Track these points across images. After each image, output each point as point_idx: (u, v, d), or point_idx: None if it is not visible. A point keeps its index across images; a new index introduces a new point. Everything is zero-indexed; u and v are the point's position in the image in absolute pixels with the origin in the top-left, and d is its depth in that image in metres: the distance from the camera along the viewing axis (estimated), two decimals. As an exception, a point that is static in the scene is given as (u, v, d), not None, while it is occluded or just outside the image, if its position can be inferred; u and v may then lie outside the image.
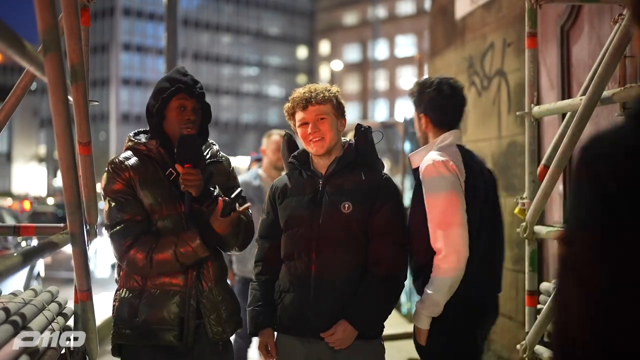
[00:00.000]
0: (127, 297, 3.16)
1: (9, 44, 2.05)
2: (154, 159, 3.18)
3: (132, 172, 3.12)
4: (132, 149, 3.24)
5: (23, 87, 3.69)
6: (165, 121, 3.18)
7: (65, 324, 3.36)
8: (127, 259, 3.08)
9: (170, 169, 3.15)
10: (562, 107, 4.05)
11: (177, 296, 3.11)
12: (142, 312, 3.10)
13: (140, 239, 3.07)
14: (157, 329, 3.09)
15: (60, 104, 2.55)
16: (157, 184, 3.14)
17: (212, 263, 3.20)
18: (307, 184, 3.31)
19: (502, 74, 6.90)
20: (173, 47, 11.83)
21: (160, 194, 3.13)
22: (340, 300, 3.17)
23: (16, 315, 2.80)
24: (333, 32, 77.40)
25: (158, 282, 3.12)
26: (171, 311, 3.10)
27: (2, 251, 8.83)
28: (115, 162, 3.16)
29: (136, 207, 3.11)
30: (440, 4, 9.08)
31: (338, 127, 3.29)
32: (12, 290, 3.50)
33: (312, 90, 3.27)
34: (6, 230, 5.00)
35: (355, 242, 3.21)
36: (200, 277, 3.16)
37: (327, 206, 3.23)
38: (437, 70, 9.03)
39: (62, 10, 2.90)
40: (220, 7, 78.05)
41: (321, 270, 3.19)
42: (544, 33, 5.74)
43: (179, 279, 3.12)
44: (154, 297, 3.12)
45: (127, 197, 3.11)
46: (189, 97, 3.15)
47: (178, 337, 3.09)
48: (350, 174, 3.27)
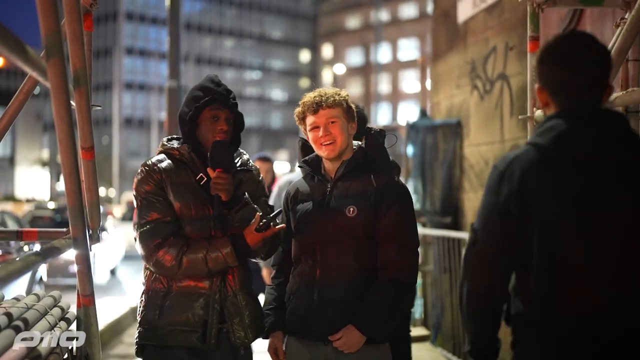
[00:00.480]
0: (153, 299, 3.19)
1: (12, 49, 2.06)
2: (186, 163, 3.24)
3: (164, 175, 3.18)
4: (165, 152, 3.29)
5: (26, 92, 3.70)
6: (197, 129, 3.24)
7: (67, 328, 3.37)
8: (155, 259, 3.11)
9: (201, 174, 3.21)
10: (565, 110, 4.04)
11: (202, 299, 3.16)
12: (167, 314, 3.14)
13: (170, 240, 3.11)
14: (180, 330, 3.13)
15: (63, 108, 2.56)
16: (188, 188, 3.19)
17: (238, 269, 3.25)
18: (316, 188, 3.32)
19: (505, 77, 6.90)
20: (176, 51, 11.87)
21: (191, 198, 3.18)
22: (344, 304, 3.17)
23: (19, 320, 2.81)
24: (336, 36, 77.47)
25: (183, 285, 3.16)
26: (195, 313, 3.14)
27: (5, 256, 8.82)
28: (149, 164, 3.21)
29: (166, 208, 3.15)
30: (443, 8, 9.08)
31: (349, 130, 3.28)
32: (15, 295, 3.51)
33: (322, 94, 3.28)
34: (9, 235, 5.00)
35: (360, 246, 3.20)
36: (225, 281, 3.21)
37: (333, 210, 3.23)
38: (440, 73, 9.03)
39: (65, 15, 2.91)
40: (222, 11, 78.22)
41: (325, 274, 3.19)
42: (546, 37, 5.74)
43: (205, 283, 3.16)
44: (179, 299, 3.15)
45: (158, 197, 3.16)
46: (223, 108, 3.22)
47: (201, 339, 3.13)
48: (358, 178, 3.26)
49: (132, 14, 71.72)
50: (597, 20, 5.16)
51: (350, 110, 3.29)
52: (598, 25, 5.14)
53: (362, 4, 74.27)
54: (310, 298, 3.21)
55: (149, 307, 3.19)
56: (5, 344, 2.50)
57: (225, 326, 3.19)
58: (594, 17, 5.20)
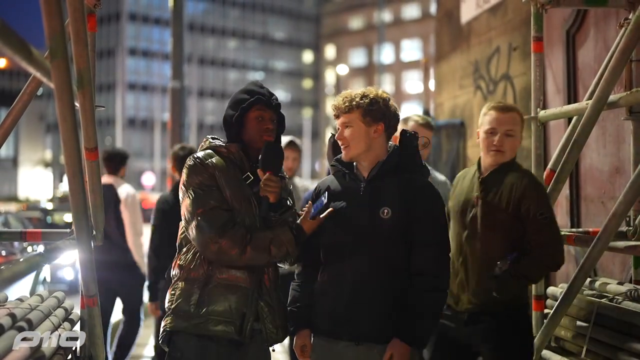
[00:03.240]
0: (189, 288, 3.19)
1: (16, 49, 2.06)
2: (233, 161, 3.28)
3: (217, 169, 3.22)
4: (212, 149, 3.32)
5: (30, 93, 3.71)
6: (243, 130, 3.31)
7: (71, 329, 3.37)
8: (217, 247, 3.11)
9: (248, 173, 3.27)
10: (568, 111, 4.04)
11: (241, 292, 3.19)
12: (206, 303, 3.16)
13: (232, 228, 3.13)
14: (218, 320, 3.15)
15: (67, 109, 2.56)
16: (237, 184, 3.23)
17: (272, 269, 3.32)
18: (349, 188, 3.31)
19: (508, 78, 6.89)
20: (179, 51, 11.87)
21: (240, 194, 3.22)
22: (376, 305, 3.17)
23: (22, 321, 2.81)
24: (339, 37, 77.45)
25: (224, 276, 3.18)
26: (234, 305, 3.16)
27: (9, 257, 8.83)
28: (200, 157, 3.23)
29: (222, 198, 3.19)
30: (446, 8, 9.08)
31: (370, 134, 3.25)
32: (19, 296, 3.51)
33: (341, 97, 3.30)
34: (13, 235, 5.01)
35: (393, 248, 3.20)
36: (262, 279, 3.25)
37: (366, 210, 3.22)
38: (443, 74, 9.03)
39: (69, 16, 2.91)
40: (226, 12, 78.21)
41: (357, 274, 3.19)
42: (549, 37, 5.74)
43: (245, 276, 3.19)
44: (219, 290, 3.17)
45: (212, 188, 3.18)
46: (267, 108, 3.30)
47: (238, 331, 3.16)
48: (391, 179, 3.26)
49: (135, 15, 71.72)
50: (600, 21, 5.15)
51: (371, 112, 3.24)
52: (602, 26, 5.13)
53: (364, 4, 74.26)
54: (340, 299, 3.21)
55: (184, 296, 3.18)
56: (9, 345, 2.50)
57: (259, 323, 3.22)
58: (598, 17, 5.20)
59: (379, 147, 3.30)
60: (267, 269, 3.28)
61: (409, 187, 3.24)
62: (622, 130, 4.73)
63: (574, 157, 3.82)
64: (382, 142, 3.31)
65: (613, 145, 4.93)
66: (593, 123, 3.66)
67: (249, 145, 3.31)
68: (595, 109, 3.58)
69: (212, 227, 3.10)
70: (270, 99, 3.31)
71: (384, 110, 3.27)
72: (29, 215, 17.20)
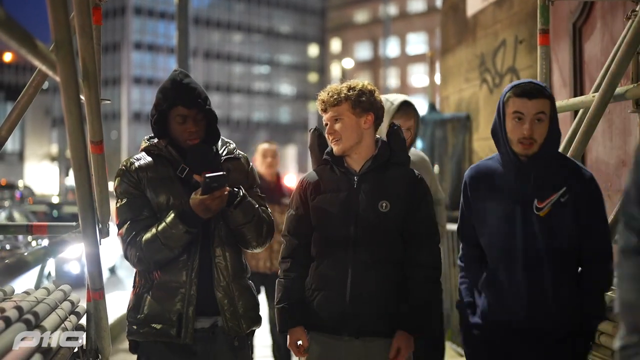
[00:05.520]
0: (136, 295, 3.20)
1: (22, 42, 2.06)
2: (164, 157, 3.20)
3: (140, 173, 3.16)
4: (145, 150, 3.28)
5: (35, 86, 3.71)
6: (169, 127, 3.19)
7: (77, 322, 3.38)
8: (128, 256, 3.14)
9: (182, 166, 3.16)
10: (575, 104, 4.03)
11: (178, 293, 3.13)
12: (147, 309, 3.14)
13: (134, 236, 3.11)
14: (157, 325, 3.12)
15: (72, 103, 2.56)
16: (166, 183, 3.17)
17: (230, 260, 3.21)
18: (341, 181, 3.29)
19: (514, 71, 6.87)
20: (184, 45, 11.85)
21: (171, 192, 3.15)
22: (377, 298, 3.18)
23: (29, 314, 2.81)
24: (344, 30, 77.31)
25: (162, 280, 3.15)
26: (172, 307, 3.12)
27: (13, 250, 8.83)
28: (126, 164, 3.20)
29: (142, 204, 3.15)
30: (452, 1, 9.05)
31: (361, 125, 3.25)
32: (25, 289, 3.52)
33: (328, 91, 3.28)
34: (20, 229, 5.02)
35: (393, 241, 3.22)
36: (215, 272, 3.17)
37: (364, 204, 3.22)
38: (449, 67, 9.01)
39: (74, 9, 2.91)
40: (231, 6, 78.11)
41: (358, 268, 3.18)
42: (556, 30, 5.72)
43: (181, 276, 3.14)
44: (157, 294, 3.15)
45: (134, 197, 3.15)
46: (188, 108, 3.14)
47: (176, 333, 3.11)
48: (385, 172, 3.27)
49: (141, 9, 71.69)
50: (607, 13, 5.13)
51: (361, 104, 3.24)
52: (608, 18, 5.11)
53: (370, -2, 74.13)
54: (341, 294, 3.19)
55: (132, 303, 3.20)
56: (11, 339, 2.50)
57: (218, 319, 3.18)
58: (605, 9, 5.18)
59: (369, 139, 3.30)
60: (223, 261, 3.18)
61: (404, 180, 3.27)
62: (629, 123, 4.72)
63: (580, 150, 3.81)
64: (371, 134, 3.31)
65: (619, 138, 4.92)
66: (599, 116, 3.65)
67: (179, 140, 3.19)
68: (601, 101, 3.56)
69: (126, 237, 3.11)
70: (190, 97, 3.13)
71: (372, 101, 3.28)
72: (35, 209, 17.18)
